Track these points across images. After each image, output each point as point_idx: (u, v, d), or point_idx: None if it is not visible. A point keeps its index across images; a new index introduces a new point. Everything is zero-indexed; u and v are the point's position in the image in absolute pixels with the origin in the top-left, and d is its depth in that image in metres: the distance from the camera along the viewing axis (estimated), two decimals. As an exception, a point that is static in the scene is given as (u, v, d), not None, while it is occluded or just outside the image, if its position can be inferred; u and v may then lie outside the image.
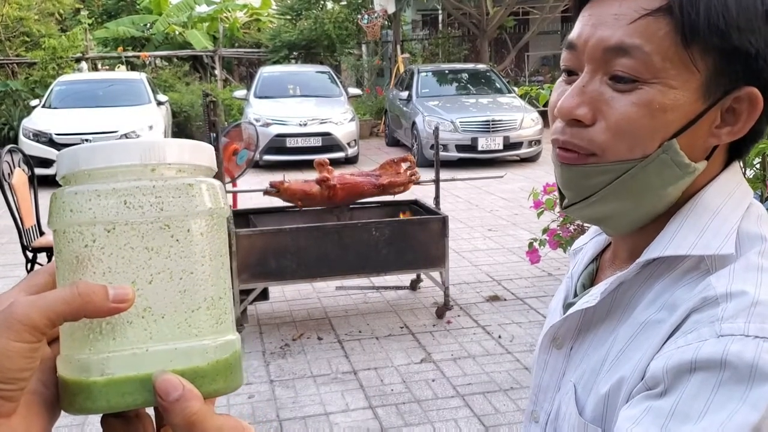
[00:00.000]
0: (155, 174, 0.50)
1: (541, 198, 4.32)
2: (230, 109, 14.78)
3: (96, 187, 0.49)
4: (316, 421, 3.31)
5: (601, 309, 0.77)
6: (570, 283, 0.90)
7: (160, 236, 0.49)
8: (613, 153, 0.71)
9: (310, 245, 4.23)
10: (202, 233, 0.51)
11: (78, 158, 0.50)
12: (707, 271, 0.69)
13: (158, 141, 0.51)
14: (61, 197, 0.50)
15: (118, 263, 0.49)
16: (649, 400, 0.63)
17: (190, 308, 0.50)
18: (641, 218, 0.74)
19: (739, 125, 0.70)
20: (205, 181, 0.52)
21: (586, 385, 0.75)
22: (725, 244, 0.69)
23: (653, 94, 0.68)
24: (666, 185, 0.71)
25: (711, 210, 0.72)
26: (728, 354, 0.60)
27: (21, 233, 4.50)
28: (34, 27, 15.77)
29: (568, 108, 0.71)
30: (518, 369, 3.82)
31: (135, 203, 0.49)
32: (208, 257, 0.51)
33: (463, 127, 10.70)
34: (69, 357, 0.50)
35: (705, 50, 0.67)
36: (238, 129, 6.00)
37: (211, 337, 0.51)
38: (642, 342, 0.69)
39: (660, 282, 0.72)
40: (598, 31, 0.70)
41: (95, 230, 0.49)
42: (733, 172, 0.75)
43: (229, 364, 0.52)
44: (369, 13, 15.94)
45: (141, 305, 0.49)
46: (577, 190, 0.75)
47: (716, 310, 0.64)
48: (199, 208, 0.50)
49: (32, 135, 10.02)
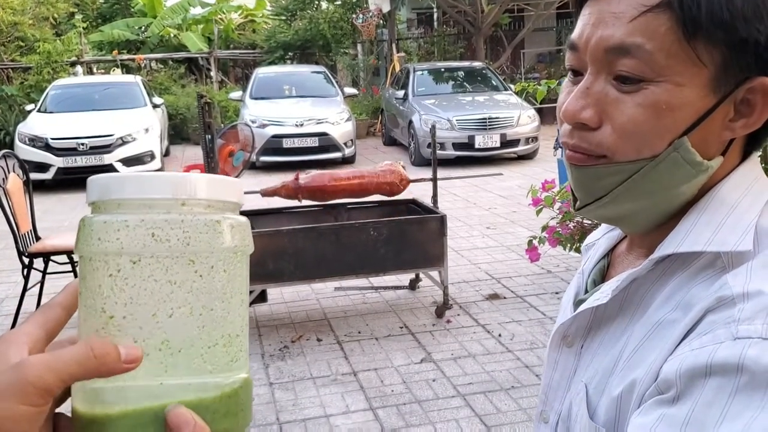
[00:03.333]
0: (185, 208, 0.50)
1: (540, 195, 4.30)
2: (226, 110, 14.76)
3: (125, 217, 0.49)
4: (317, 424, 3.29)
5: (612, 307, 0.75)
6: (581, 279, 0.87)
7: (184, 271, 0.50)
8: (621, 154, 0.68)
9: (308, 246, 4.21)
10: (225, 270, 0.51)
11: (110, 187, 0.51)
12: (723, 268, 0.66)
13: (190, 176, 0.51)
14: (90, 224, 0.50)
15: (140, 295, 0.49)
16: (662, 407, 0.60)
17: (207, 344, 0.51)
18: (657, 217, 0.72)
19: (755, 116, 0.68)
20: (233, 219, 0.52)
21: (597, 386, 0.72)
22: (743, 241, 0.66)
23: (659, 93, 0.65)
24: (679, 184, 0.69)
25: (728, 205, 0.69)
26: (745, 358, 0.58)
27: (17, 239, 4.48)
28: (29, 32, 15.74)
29: (573, 111, 0.70)
30: (519, 367, 3.80)
31: (162, 236, 0.49)
32: (229, 294, 0.52)
33: (460, 125, 10.68)
34: (83, 386, 0.50)
35: (710, 44, 0.64)
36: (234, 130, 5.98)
37: (225, 374, 0.51)
38: (656, 342, 0.67)
39: (674, 279, 0.69)
40: (599, 31, 0.68)
41: (121, 261, 0.49)
42: (751, 165, 0.72)
43: (240, 403, 0.52)
44: (364, 13, 15.91)
45: (159, 338, 0.49)
46: (588, 191, 0.73)
47: (732, 311, 0.61)
48: (224, 245, 0.51)
49: (28, 140, 9.99)
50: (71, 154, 9.83)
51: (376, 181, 4.52)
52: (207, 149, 3.95)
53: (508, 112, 10.94)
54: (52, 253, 4.61)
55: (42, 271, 4.67)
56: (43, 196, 8.80)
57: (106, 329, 0.49)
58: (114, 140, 10.04)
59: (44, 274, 4.68)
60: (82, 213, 0.51)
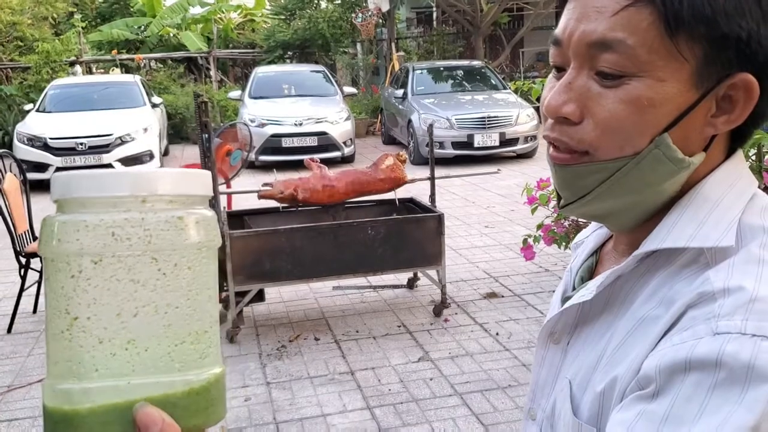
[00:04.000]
0: (146, 206, 0.50)
1: (535, 194, 4.29)
2: (226, 110, 14.76)
3: (84, 217, 0.49)
4: (314, 423, 3.28)
5: (597, 303, 0.75)
6: (569, 276, 0.88)
7: (147, 269, 0.49)
8: (603, 151, 0.68)
9: (306, 245, 4.20)
10: (189, 267, 0.51)
11: (70, 185, 0.50)
12: (707, 264, 0.66)
13: (150, 171, 0.50)
14: (51, 225, 0.50)
15: (103, 295, 0.49)
16: (642, 403, 0.60)
17: (174, 342, 0.50)
18: (641, 214, 0.72)
19: (736, 113, 0.67)
20: (196, 214, 0.51)
21: (581, 383, 0.73)
22: (725, 236, 0.66)
23: (641, 89, 0.65)
24: (661, 181, 0.69)
25: (711, 201, 0.69)
26: (724, 354, 0.58)
27: (14, 239, 4.48)
28: (28, 31, 15.74)
29: (554, 106, 0.69)
30: (516, 366, 3.80)
31: (123, 235, 0.48)
32: (195, 291, 0.51)
33: (459, 124, 10.68)
34: (52, 386, 0.50)
35: (692, 39, 0.64)
36: (233, 129, 5.98)
37: (194, 371, 0.51)
38: (638, 339, 0.67)
39: (658, 276, 0.69)
40: (581, 25, 0.67)
41: (82, 261, 0.48)
42: (735, 162, 0.72)
43: (211, 398, 0.52)
44: (363, 12, 15.90)
45: (125, 337, 0.49)
46: (572, 189, 0.73)
47: (713, 307, 0.61)
48: (187, 242, 0.50)
49: (27, 139, 9.98)
50: (70, 153, 9.82)
51: (375, 189, 4.52)
52: (204, 148, 3.95)
53: (507, 111, 10.94)
54: (49, 253, 4.60)
55: (39, 271, 4.67)
56: (41, 196, 8.77)
57: (71, 330, 0.48)
58: (113, 140, 10.03)
59: (41, 274, 4.68)
60: None
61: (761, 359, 0.57)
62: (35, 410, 3.49)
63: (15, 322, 4.58)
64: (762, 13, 0.64)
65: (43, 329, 4.56)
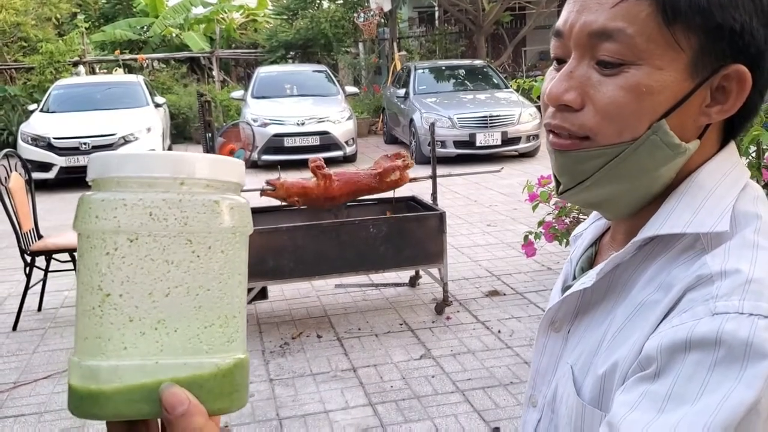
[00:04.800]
0: (183, 188, 0.50)
1: (536, 191, 4.31)
2: (228, 110, 14.78)
3: (123, 195, 0.49)
4: (316, 419, 3.31)
5: (598, 290, 0.77)
6: (569, 267, 0.90)
7: (182, 250, 0.50)
8: (603, 136, 0.71)
9: (308, 244, 4.23)
10: (222, 251, 0.51)
11: (109, 164, 0.50)
12: (703, 249, 0.68)
13: (189, 155, 0.51)
14: (88, 202, 0.50)
15: (137, 273, 0.49)
16: (644, 384, 0.63)
17: (204, 324, 0.50)
18: (638, 200, 0.74)
19: (729, 103, 0.70)
20: (232, 199, 0.52)
21: (583, 367, 0.75)
22: (720, 222, 0.69)
23: (639, 76, 0.68)
24: (658, 166, 0.71)
25: (706, 189, 0.71)
26: (723, 332, 0.60)
27: (19, 237, 4.51)
28: (32, 32, 15.78)
29: (556, 93, 0.72)
30: (518, 363, 3.82)
31: (160, 215, 0.49)
32: (226, 275, 0.51)
33: (461, 123, 10.69)
34: (79, 362, 0.50)
35: (688, 29, 0.66)
36: (235, 129, 6.00)
37: (221, 354, 0.51)
38: (638, 322, 0.69)
39: (657, 262, 0.72)
40: (582, 17, 0.70)
41: (118, 239, 0.49)
42: (729, 153, 0.75)
43: (236, 383, 0.52)
44: (365, 11, 15.92)
45: (155, 317, 0.49)
46: (571, 175, 0.75)
47: (711, 289, 0.64)
48: (222, 226, 0.51)
49: (30, 139, 10.03)
50: (73, 153, 9.86)
51: (377, 192, 4.56)
52: (207, 147, 3.98)
53: (509, 110, 10.95)
54: (54, 252, 4.64)
55: (44, 270, 4.70)
56: (45, 196, 8.84)
57: (102, 307, 0.49)
58: (116, 140, 10.07)
59: (46, 272, 4.71)
60: None
61: (759, 337, 0.59)
62: (41, 406, 3.52)
63: (20, 319, 4.61)
64: (754, 6, 0.67)
65: (47, 327, 4.59)
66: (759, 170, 3.14)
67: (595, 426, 0.70)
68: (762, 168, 3.13)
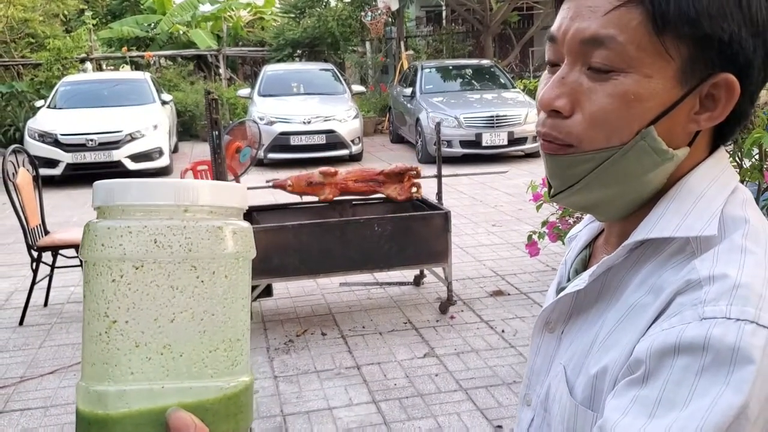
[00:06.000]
0: (187, 215, 0.51)
1: (540, 190, 4.32)
2: (235, 107, 14.81)
3: (128, 223, 0.50)
4: (320, 416, 3.33)
5: (590, 292, 0.78)
6: (564, 268, 0.91)
7: (186, 276, 0.50)
8: (589, 143, 0.72)
9: (313, 242, 4.24)
10: (226, 276, 0.52)
11: (113, 192, 0.51)
12: (692, 253, 0.69)
13: (192, 182, 0.52)
14: (94, 230, 0.51)
15: (143, 300, 0.50)
16: (634, 388, 0.64)
17: (209, 348, 0.51)
18: (629, 204, 0.76)
19: (718, 111, 0.71)
20: (235, 225, 0.53)
21: (575, 367, 0.76)
22: (708, 226, 0.70)
23: (629, 84, 0.69)
24: (647, 171, 0.72)
25: (695, 194, 0.73)
26: (710, 338, 0.61)
27: (26, 233, 4.53)
28: (39, 28, 15.82)
29: (547, 99, 0.73)
30: (521, 363, 3.83)
31: (165, 242, 0.50)
32: (230, 299, 0.52)
33: (467, 123, 10.69)
34: (87, 387, 0.51)
35: (678, 38, 0.68)
36: (242, 127, 6.03)
37: (225, 378, 0.52)
38: (629, 325, 0.70)
39: (647, 265, 0.73)
40: (575, 24, 0.71)
41: (124, 266, 0.49)
42: (718, 158, 0.76)
43: (241, 405, 0.53)
44: (372, 10, 15.93)
45: (161, 342, 0.50)
46: (561, 178, 0.76)
47: (699, 293, 0.65)
48: (226, 251, 0.52)
49: (37, 135, 10.06)
50: (80, 150, 9.90)
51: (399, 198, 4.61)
52: (214, 145, 3.99)
53: (516, 110, 10.94)
54: (60, 247, 4.66)
55: (50, 265, 4.73)
56: (51, 192, 8.87)
57: (109, 333, 0.50)
58: (123, 136, 10.10)
59: (53, 267, 4.74)
60: (91, 209, 0.52)
61: (745, 342, 0.60)
62: (47, 400, 3.55)
63: (27, 314, 4.64)
64: (743, 17, 0.68)
65: (53, 322, 4.62)
66: (761, 172, 3.14)
67: (587, 426, 0.72)
68: (765, 170, 3.13)
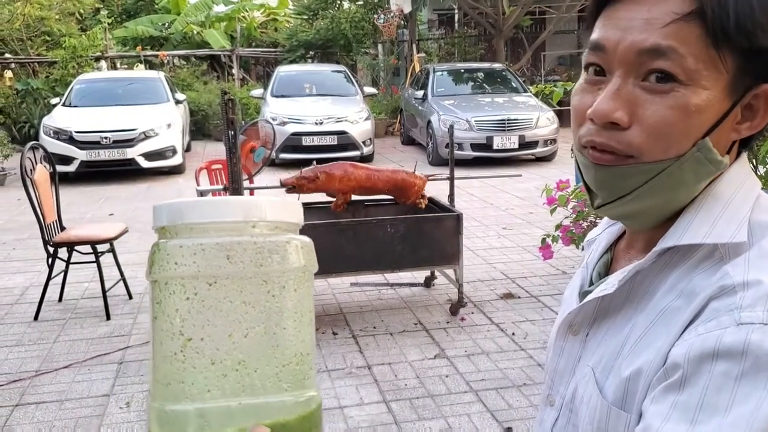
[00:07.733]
0: (255, 230, 0.52)
1: (554, 194, 4.33)
2: (247, 108, 14.89)
3: (201, 240, 0.50)
4: (331, 415, 3.35)
5: (618, 297, 0.79)
6: (585, 272, 0.92)
7: (258, 291, 0.51)
8: (649, 154, 0.73)
9: (325, 242, 4.27)
10: (295, 289, 0.52)
11: (182, 211, 0.51)
12: (721, 258, 0.71)
13: (258, 199, 0.53)
14: (165, 249, 0.51)
15: (216, 316, 0.50)
16: (672, 393, 0.65)
17: (282, 363, 0.51)
18: (669, 213, 0.77)
19: (758, 120, 0.74)
20: (300, 239, 0.54)
21: (604, 369, 0.77)
22: (738, 233, 0.72)
23: (689, 96, 0.70)
24: (699, 181, 0.74)
25: (723, 201, 0.75)
26: (749, 343, 0.63)
27: (42, 228, 4.58)
28: (55, 26, 15.98)
29: (605, 111, 0.73)
30: (531, 366, 3.84)
31: (237, 259, 0.50)
32: (299, 313, 0.53)
33: (479, 126, 10.71)
34: (162, 408, 0.50)
35: (733, 51, 0.70)
36: (255, 127, 6.06)
37: (298, 392, 0.52)
38: (661, 329, 0.71)
39: (676, 271, 0.74)
40: (629, 35, 0.72)
41: (198, 283, 0.50)
42: (742, 164, 0.78)
43: (314, 419, 0.53)
44: (385, 13, 15.97)
45: (236, 358, 0.50)
46: (612, 190, 0.76)
47: (734, 299, 0.66)
48: (294, 265, 0.52)
49: (53, 133, 10.16)
50: (94, 147, 9.99)
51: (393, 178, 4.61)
52: (230, 145, 4.03)
53: (527, 113, 10.95)
54: (76, 243, 4.72)
55: (66, 261, 4.78)
56: (66, 189, 8.92)
57: (184, 352, 0.50)
58: (137, 135, 10.18)
59: (68, 263, 4.79)
60: (105, 206, 0.54)
61: None
62: (62, 394, 3.59)
63: (41, 309, 4.70)
64: None
65: (68, 318, 4.67)
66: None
67: (620, 426, 0.73)
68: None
